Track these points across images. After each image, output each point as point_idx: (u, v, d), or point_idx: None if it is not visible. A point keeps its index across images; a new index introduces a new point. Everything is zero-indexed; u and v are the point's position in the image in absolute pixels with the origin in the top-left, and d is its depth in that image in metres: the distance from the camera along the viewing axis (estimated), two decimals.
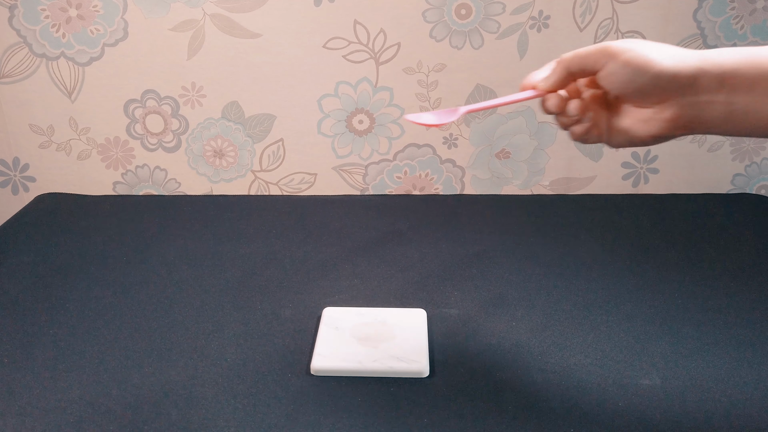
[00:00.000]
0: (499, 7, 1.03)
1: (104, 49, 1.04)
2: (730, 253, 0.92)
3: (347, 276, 0.87)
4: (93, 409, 0.61)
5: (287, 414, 0.60)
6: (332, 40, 1.05)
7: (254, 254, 0.92)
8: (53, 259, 0.90)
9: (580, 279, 0.85)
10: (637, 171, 1.17)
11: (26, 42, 1.03)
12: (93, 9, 1.02)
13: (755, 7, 1.03)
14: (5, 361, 0.68)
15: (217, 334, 0.73)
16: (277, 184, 1.17)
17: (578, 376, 0.65)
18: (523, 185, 1.17)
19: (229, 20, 1.03)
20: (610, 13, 1.04)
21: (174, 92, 1.08)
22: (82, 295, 0.81)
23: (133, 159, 1.14)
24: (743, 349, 0.70)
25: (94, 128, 1.11)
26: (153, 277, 0.86)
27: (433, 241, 0.96)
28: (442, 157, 1.15)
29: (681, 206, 1.11)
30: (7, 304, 0.79)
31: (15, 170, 1.14)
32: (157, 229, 1.01)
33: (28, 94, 1.07)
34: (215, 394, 0.63)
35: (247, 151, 1.13)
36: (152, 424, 0.59)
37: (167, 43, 1.04)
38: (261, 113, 1.10)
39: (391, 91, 1.09)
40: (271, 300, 0.80)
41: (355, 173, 1.16)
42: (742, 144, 1.14)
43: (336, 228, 1.01)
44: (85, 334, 0.73)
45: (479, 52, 1.06)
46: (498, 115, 1.11)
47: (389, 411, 0.60)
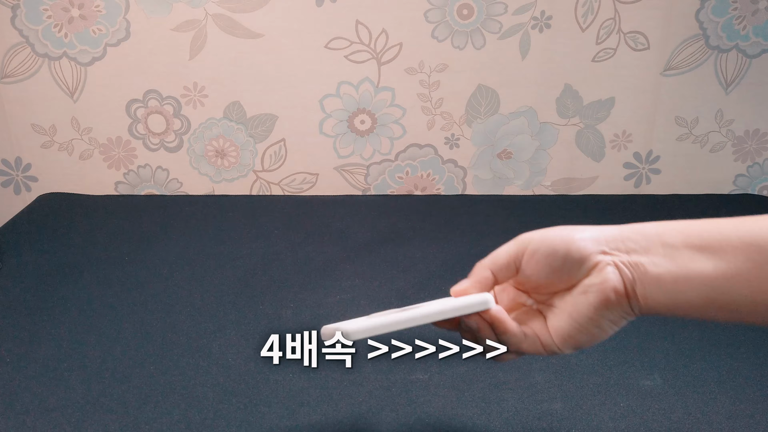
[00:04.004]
0: (501, 7, 1.02)
1: (106, 49, 1.05)
2: None
3: (349, 276, 0.86)
4: (94, 408, 0.61)
5: (287, 414, 0.60)
6: (334, 40, 1.05)
7: (256, 254, 0.92)
8: (55, 259, 0.91)
9: None
10: (639, 171, 1.16)
11: (29, 42, 1.04)
12: (95, 9, 1.02)
13: (757, 7, 1.03)
14: (7, 360, 0.68)
15: (219, 333, 0.73)
16: (279, 184, 1.17)
17: (579, 377, 0.65)
18: (525, 185, 1.17)
19: (231, 20, 1.03)
20: (612, 14, 1.04)
21: (176, 92, 1.08)
22: (83, 294, 0.81)
23: (134, 159, 1.14)
24: (743, 349, 0.69)
25: (96, 128, 1.11)
26: (154, 277, 0.86)
27: (435, 242, 0.96)
28: (444, 157, 1.14)
29: (683, 207, 1.11)
30: (8, 304, 0.79)
31: (17, 170, 1.14)
32: (158, 229, 1.01)
33: (31, 94, 1.08)
34: (216, 393, 0.63)
35: (249, 151, 1.13)
36: (153, 423, 0.59)
37: (169, 43, 1.04)
38: (263, 113, 1.10)
39: (392, 92, 1.09)
40: (272, 300, 0.80)
41: (356, 173, 1.16)
42: (744, 144, 1.14)
43: (337, 228, 1.01)
44: (86, 333, 0.73)
45: (481, 52, 1.06)
46: (500, 116, 1.11)
47: (389, 411, 0.60)
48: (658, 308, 0.38)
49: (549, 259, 0.41)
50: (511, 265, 0.43)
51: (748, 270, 0.35)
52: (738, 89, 1.10)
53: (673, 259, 0.38)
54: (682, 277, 0.37)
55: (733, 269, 0.35)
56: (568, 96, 1.10)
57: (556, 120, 1.12)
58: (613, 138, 1.14)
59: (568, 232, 0.41)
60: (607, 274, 0.39)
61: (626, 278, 0.38)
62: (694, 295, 0.36)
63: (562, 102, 1.10)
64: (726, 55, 1.07)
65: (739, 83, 1.09)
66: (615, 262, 0.39)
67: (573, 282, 0.41)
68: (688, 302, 0.37)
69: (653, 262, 0.38)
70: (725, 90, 1.10)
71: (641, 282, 0.38)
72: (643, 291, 0.38)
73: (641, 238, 0.39)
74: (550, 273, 0.41)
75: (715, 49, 1.06)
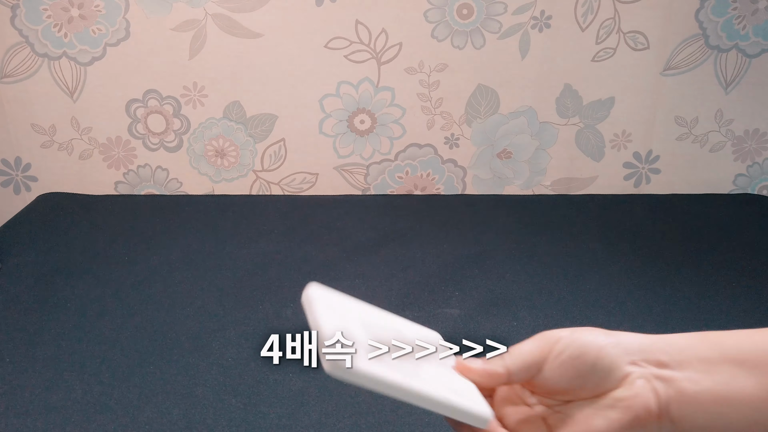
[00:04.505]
0: (500, 7, 1.02)
1: (106, 48, 1.05)
2: (731, 253, 0.92)
3: (349, 275, 0.86)
4: (94, 408, 0.61)
5: (287, 414, 0.60)
6: (334, 40, 1.05)
7: (256, 254, 0.92)
8: (55, 259, 0.91)
9: (581, 279, 0.85)
10: (639, 171, 1.16)
11: (28, 42, 1.04)
12: (95, 9, 1.02)
13: (757, 7, 1.03)
14: (7, 360, 0.68)
15: (219, 333, 0.73)
16: (279, 184, 1.17)
17: None
18: (525, 185, 1.17)
19: (230, 20, 1.03)
20: (612, 13, 1.03)
21: (176, 92, 1.08)
22: (83, 294, 0.81)
23: (134, 159, 1.14)
24: None
25: (96, 128, 1.11)
26: (154, 277, 0.86)
27: (435, 241, 0.96)
28: (444, 157, 1.14)
29: (683, 206, 1.11)
30: (8, 303, 0.79)
31: (17, 170, 1.14)
32: (158, 228, 1.01)
33: (30, 94, 1.08)
34: (216, 393, 0.63)
35: (249, 150, 1.13)
36: (153, 423, 0.59)
37: (169, 42, 1.04)
38: (262, 113, 1.10)
39: (392, 91, 1.09)
40: (272, 300, 0.80)
41: (356, 173, 1.16)
42: (744, 144, 1.14)
43: (337, 228, 1.01)
44: (86, 333, 0.73)
45: (481, 52, 1.06)
46: (499, 115, 1.11)
47: (389, 411, 0.60)
48: (693, 431, 0.34)
49: (577, 362, 0.36)
50: (533, 367, 0.37)
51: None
52: (738, 89, 1.10)
53: (711, 375, 0.33)
54: (722, 396, 0.33)
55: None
56: (568, 96, 1.10)
57: (555, 120, 1.12)
58: (613, 138, 1.14)
59: (597, 335, 0.36)
60: (639, 389, 0.34)
61: (660, 395, 0.34)
62: (736, 417, 0.33)
63: (562, 102, 1.10)
64: (726, 55, 1.07)
65: (738, 83, 1.09)
66: (646, 376, 0.34)
67: (597, 392, 0.36)
68: (730, 425, 0.33)
69: (690, 378, 0.34)
70: (725, 90, 1.10)
71: (678, 401, 0.34)
72: (680, 411, 0.34)
73: (674, 349, 0.35)
74: (575, 378, 0.36)
75: (714, 48, 1.06)
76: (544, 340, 0.37)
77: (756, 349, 0.33)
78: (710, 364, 0.34)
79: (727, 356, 0.34)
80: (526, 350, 0.38)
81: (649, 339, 0.36)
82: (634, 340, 0.36)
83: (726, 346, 0.34)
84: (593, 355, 0.35)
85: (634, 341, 0.36)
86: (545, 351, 0.37)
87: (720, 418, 0.33)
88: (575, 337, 0.36)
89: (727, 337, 0.35)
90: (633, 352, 0.35)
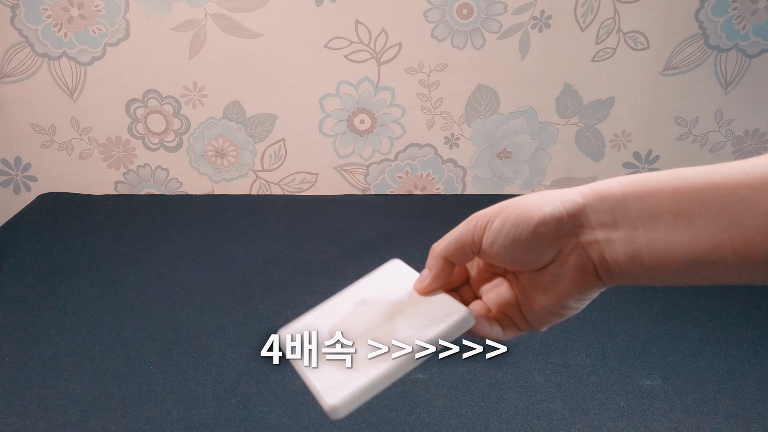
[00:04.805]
0: (500, 6, 1.02)
1: (106, 48, 1.05)
2: None
3: (349, 276, 0.86)
4: (94, 407, 0.61)
5: (287, 414, 0.60)
6: (334, 39, 1.05)
7: (255, 254, 0.92)
8: (55, 259, 0.91)
9: None
10: (639, 171, 1.16)
11: (28, 42, 1.04)
12: (95, 9, 1.02)
13: (757, 7, 1.03)
14: (7, 360, 0.68)
15: (219, 333, 0.73)
16: (279, 184, 1.17)
17: (579, 377, 0.65)
18: (525, 185, 1.17)
19: (230, 20, 1.03)
20: (612, 13, 1.04)
21: (175, 92, 1.08)
22: (83, 294, 0.81)
23: (134, 158, 1.14)
24: (743, 349, 0.69)
25: (96, 128, 1.11)
26: (154, 277, 0.86)
27: (435, 241, 0.96)
28: (444, 157, 1.14)
29: None
30: (8, 303, 0.79)
31: (17, 170, 1.14)
32: (158, 228, 1.01)
33: (30, 94, 1.08)
34: (216, 393, 0.63)
35: (249, 150, 1.13)
36: (153, 423, 0.59)
37: (169, 42, 1.04)
38: (262, 113, 1.10)
39: (392, 91, 1.09)
40: (272, 300, 0.80)
41: (356, 173, 1.16)
42: (744, 144, 1.14)
43: (337, 228, 1.01)
44: (86, 333, 0.73)
45: (481, 51, 1.06)
46: (499, 115, 1.11)
47: (389, 411, 0.60)
48: (636, 283, 0.35)
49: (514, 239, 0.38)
50: (467, 247, 0.41)
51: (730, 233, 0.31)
52: (737, 89, 1.10)
53: (647, 231, 0.34)
54: (659, 251, 0.34)
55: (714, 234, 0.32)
56: (568, 96, 1.10)
57: (555, 120, 1.12)
58: (613, 138, 1.14)
59: (528, 209, 0.38)
60: (574, 263, 0.36)
61: (596, 263, 0.36)
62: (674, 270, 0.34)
63: (562, 102, 1.10)
64: (725, 55, 1.07)
65: (738, 83, 1.09)
66: (582, 243, 0.36)
67: (537, 266, 0.38)
68: (670, 280, 0.34)
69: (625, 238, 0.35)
70: (725, 90, 1.10)
71: (615, 262, 0.35)
72: (620, 273, 0.35)
73: (606, 206, 0.36)
74: (515, 251, 0.38)
75: (714, 48, 1.06)
76: (472, 219, 0.41)
77: (692, 199, 0.34)
78: (648, 218, 0.34)
79: (663, 209, 0.34)
80: (454, 233, 0.42)
81: (582, 200, 0.36)
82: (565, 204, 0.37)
83: (662, 197, 0.34)
84: (527, 235, 0.37)
85: (563, 211, 0.36)
86: (470, 229, 0.40)
87: (660, 273, 0.34)
88: (518, 207, 0.38)
89: (665, 185, 0.35)
90: (564, 220, 0.36)
